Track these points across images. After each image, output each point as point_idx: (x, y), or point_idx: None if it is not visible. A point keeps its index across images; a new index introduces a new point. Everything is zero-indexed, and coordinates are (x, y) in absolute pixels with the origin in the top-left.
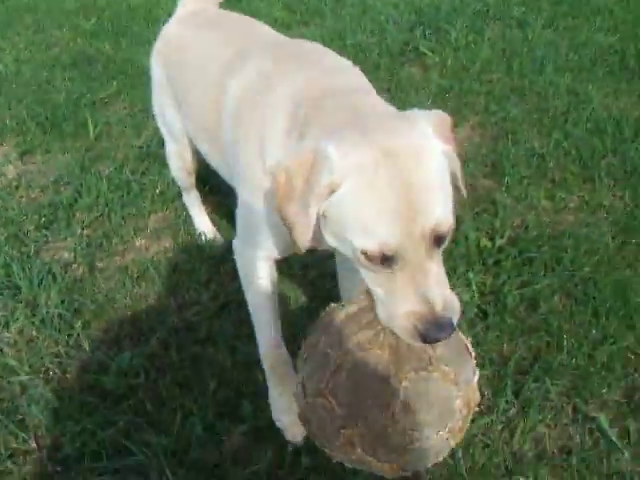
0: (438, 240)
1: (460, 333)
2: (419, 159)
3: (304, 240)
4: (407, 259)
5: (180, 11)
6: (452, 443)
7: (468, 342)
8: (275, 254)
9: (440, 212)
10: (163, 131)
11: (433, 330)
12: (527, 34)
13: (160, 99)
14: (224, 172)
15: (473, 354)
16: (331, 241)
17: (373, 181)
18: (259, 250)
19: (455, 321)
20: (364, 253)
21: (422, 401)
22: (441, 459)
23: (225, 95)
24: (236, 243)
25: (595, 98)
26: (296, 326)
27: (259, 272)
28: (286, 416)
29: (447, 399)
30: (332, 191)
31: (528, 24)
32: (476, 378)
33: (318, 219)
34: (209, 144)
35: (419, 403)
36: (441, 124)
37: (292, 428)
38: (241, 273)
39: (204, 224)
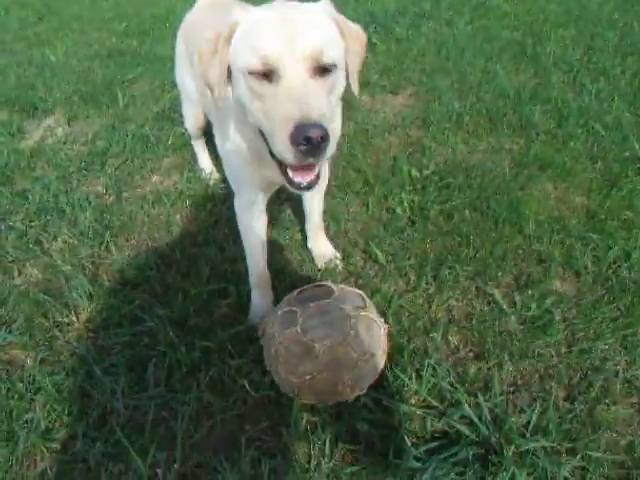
0: (322, 70)
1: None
2: (308, 14)
3: (220, 92)
4: (288, 76)
5: (198, 3)
6: (382, 363)
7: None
8: (256, 199)
9: (319, 41)
10: (182, 95)
11: (303, 129)
12: (453, 30)
13: (180, 69)
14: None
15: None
16: (236, 94)
17: (264, 18)
18: (243, 197)
19: (329, 141)
20: (251, 73)
21: (364, 331)
22: (376, 378)
23: None
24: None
25: (501, 74)
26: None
27: (248, 215)
28: (259, 318)
29: (376, 329)
30: (232, 33)
31: (454, 23)
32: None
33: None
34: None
35: (363, 332)
36: (344, 21)
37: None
38: (237, 216)
39: (206, 163)
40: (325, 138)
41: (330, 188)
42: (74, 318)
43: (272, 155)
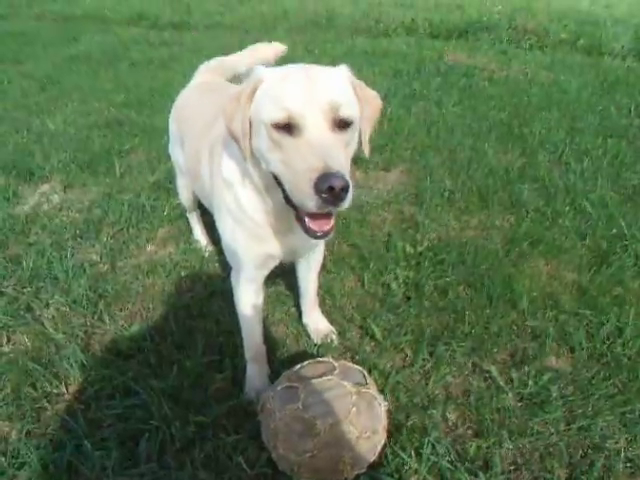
0: (341, 123)
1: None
2: (328, 73)
3: (246, 145)
4: (310, 128)
5: (194, 81)
6: (382, 441)
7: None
8: (255, 276)
9: (338, 96)
10: (175, 168)
11: (326, 179)
12: (442, 110)
13: (173, 144)
14: (208, 205)
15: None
16: (256, 145)
17: (287, 75)
18: (242, 274)
19: (349, 192)
20: (274, 125)
21: (365, 408)
22: (376, 456)
23: (202, 146)
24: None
25: (490, 153)
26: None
27: (246, 291)
28: (254, 392)
29: (377, 407)
30: (255, 89)
31: (443, 103)
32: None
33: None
34: (195, 181)
35: (364, 410)
36: (360, 85)
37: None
38: (234, 292)
39: (200, 235)
40: (346, 188)
41: (325, 263)
42: (64, 389)
43: (287, 201)
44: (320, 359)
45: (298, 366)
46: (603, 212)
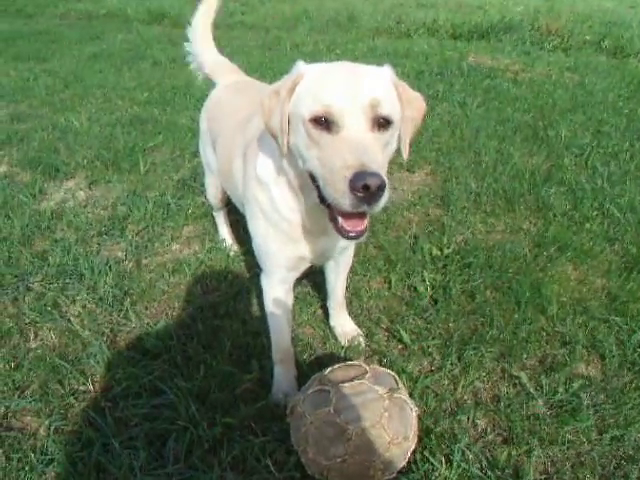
0: (380, 123)
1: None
2: (370, 71)
3: (284, 142)
4: (348, 126)
5: (224, 81)
6: (412, 446)
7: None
8: (286, 278)
9: (380, 95)
10: (204, 166)
11: (362, 177)
12: (466, 112)
13: (203, 143)
14: (239, 205)
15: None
16: (293, 142)
17: (328, 71)
18: (273, 276)
19: (385, 192)
20: (312, 121)
21: (397, 413)
22: (405, 462)
23: (235, 145)
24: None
25: (515, 156)
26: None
27: (276, 293)
28: (282, 394)
29: (408, 412)
30: (296, 84)
31: (466, 105)
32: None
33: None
34: (226, 180)
35: (396, 415)
36: (403, 87)
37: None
38: (264, 294)
39: (226, 234)
40: (382, 188)
41: (352, 264)
42: (90, 386)
43: (322, 201)
44: (351, 362)
45: (329, 369)
46: (632, 217)
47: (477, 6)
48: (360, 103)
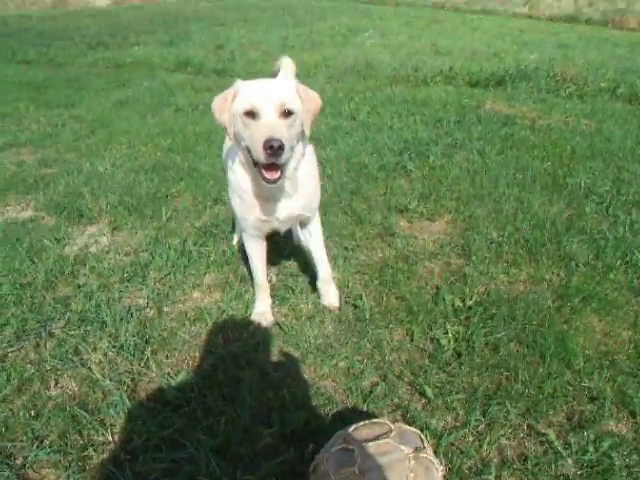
0: (285, 113)
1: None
2: (280, 83)
3: (230, 130)
4: (264, 116)
5: None
6: None
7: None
8: (253, 234)
9: (285, 98)
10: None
11: (269, 141)
12: (485, 159)
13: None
14: None
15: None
16: (235, 129)
17: (253, 84)
18: (247, 232)
19: (284, 150)
20: (245, 113)
21: (423, 473)
22: None
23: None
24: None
25: (535, 204)
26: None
27: (250, 244)
28: (259, 314)
29: (434, 472)
30: (236, 93)
31: (485, 153)
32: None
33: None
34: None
35: (421, 475)
36: (304, 89)
37: (262, 318)
38: (244, 244)
39: (237, 234)
40: (282, 147)
41: (373, 315)
42: (110, 437)
43: (254, 164)
44: (376, 420)
45: (353, 426)
46: None
47: (492, 53)
48: (272, 102)
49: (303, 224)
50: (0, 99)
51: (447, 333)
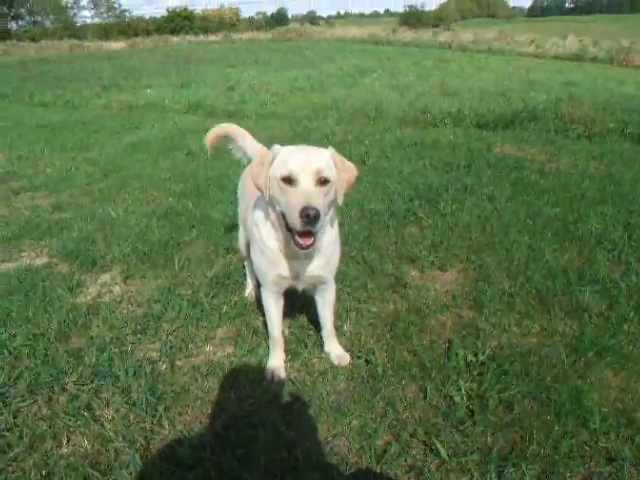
0: (321, 181)
1: None
2: (318, 150)
3: (266, 193)
4: (302, 183)
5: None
6: None
7: None
8: (273, 290)
9: (321, 165)
10: (239, 221)
11: (306, 209)
12: (495, 205)
13: (239, 202)
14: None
15: None
16: (271, 193)
17: (292, 150)
18: (266, 288)
19: (319, 219)
20: (283, 178)
21: None
22: None
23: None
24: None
25: (547, 252)
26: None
27: (268, 300)
28: (273, 369)
29: None
30: (274, 158)
31: (495, 198)
32: None
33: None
34: (245, 227)
35: None
36: (340, 159)
37: (274, 374)
38: (262, 298)
39: (250, 279)
40: (317, 216)
41: (385, 371)
42: None
43: (287, 229)
44: None
45: None
46: None
47: (500, 93)
48: (309, 169)
49: (320, 288)
50: (18, 142)
51: (460, 390)
